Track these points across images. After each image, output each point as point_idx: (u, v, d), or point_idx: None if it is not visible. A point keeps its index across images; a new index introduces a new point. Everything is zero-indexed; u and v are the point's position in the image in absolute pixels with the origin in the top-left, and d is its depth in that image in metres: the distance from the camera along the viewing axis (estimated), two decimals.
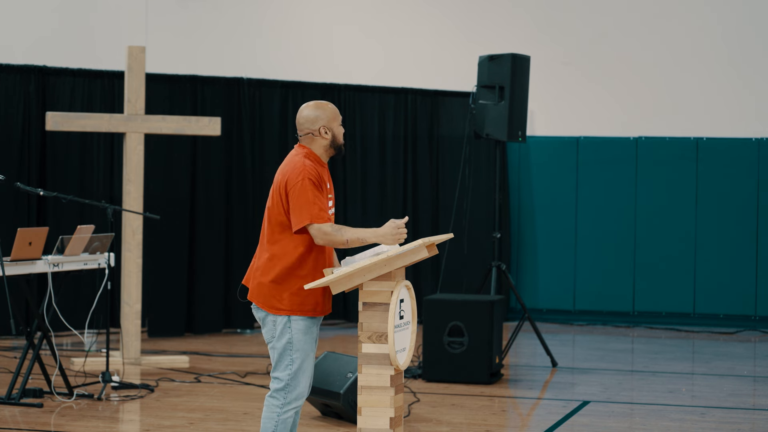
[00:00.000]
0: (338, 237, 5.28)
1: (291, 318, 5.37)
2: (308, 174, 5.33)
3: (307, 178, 5.31)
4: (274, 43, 13.33)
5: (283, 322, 5.38)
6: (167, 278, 11.86)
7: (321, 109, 5.50)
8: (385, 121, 13.19)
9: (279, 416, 5.39)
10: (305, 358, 5.41)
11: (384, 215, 13.09)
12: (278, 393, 5.41)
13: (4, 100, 11.33)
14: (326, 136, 5.47)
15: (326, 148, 5.49)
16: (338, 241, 5.29)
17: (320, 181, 5.36)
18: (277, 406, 5.40)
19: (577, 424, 7.82)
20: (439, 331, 9.26)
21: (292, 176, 5.34)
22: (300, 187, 5.31)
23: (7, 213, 11.21)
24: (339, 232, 5.29)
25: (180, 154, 11.99)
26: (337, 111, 5.55)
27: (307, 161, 5.39)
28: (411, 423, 7.70)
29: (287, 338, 5.38)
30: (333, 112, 5.51)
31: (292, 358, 5.39)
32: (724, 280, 13.17)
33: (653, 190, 13.37)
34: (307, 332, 5.40)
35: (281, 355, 5.40)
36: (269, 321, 5.42)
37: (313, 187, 5.31)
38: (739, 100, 13.35)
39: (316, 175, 5.35)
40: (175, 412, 8.00)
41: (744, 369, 10.40)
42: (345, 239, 5.29)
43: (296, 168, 5.36)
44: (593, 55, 13.65)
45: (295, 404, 5.41)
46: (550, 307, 13.59)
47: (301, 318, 5.38)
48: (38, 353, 8.29)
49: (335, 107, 5.56)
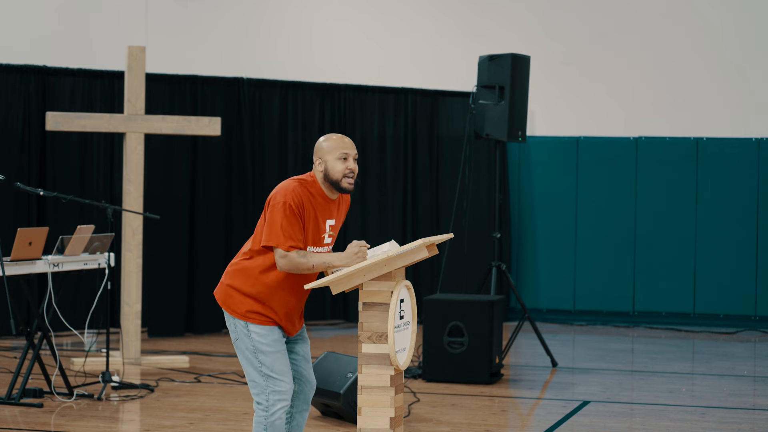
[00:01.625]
0: (302, 263, 5.22)
1: (248, 325, 5.33)
2: (290, 199, 5.24)
3: (287, 202, 5.23)
4: (274, 43, 13.33)
5: (242, 325, 5.35)
6: (167, 278, 11.86)
7: (325, 140, 5.39)
8: (385, 121, 13.19)
9: (267, 420, 5.32)
10: (274, 358, 5.33)
11: (384, 215, 13.10)
12: (259, 397, 5.35)
13: (4, 100, 11.33)
14: (319, 168, 5.36)
15: (322, 181, 5.37)
16: (303, 267, 5.23)
17: (300, 209, 5.25)
18: (262, 410, 5.33)
19: (577, 424, 7.82)
20: (439, 331, 9.26)
21: (276, 196, 5.27)
22: (278, 208, 5.23)
23: (7, 213, 11.21)
24: (304, 258, 5.22)
25: (180, 154, 11.99)
26: (344, 145, 5.34)
27: (298, 187, 5.29)
28: (411, 423, 7.70)
29: (249, 341, 5.34)
30: (335, 144, 5.35)
31: (259, 360, 5.33)
32: (724, 280, 13.17)
33: (653, 190, 13.37)
34: (268, 334, 5.34)
35: (249, 359, 5.35)
36: (231, 322, 5.39)
37: (289, 214, 5.22)
38: (739, 100, 13.35)
39: (298, 203, 5.24)
40: (175, 412, 8.00)
41: (744, 369, 10.40)
42: (311, 264, 5.23)
43: (282, 190, 5.29)
44: (593, 54, 13.65)
45: (281, 404, 5.32)
46: (550, 307, 13.59)
47: (259, 327, 5.32)
48: (38, 353, 8.29)
49: (343, 142, 5.37)
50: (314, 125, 12.77)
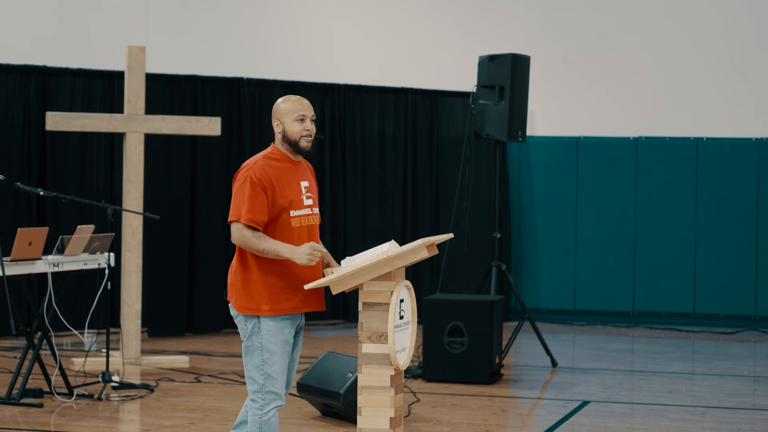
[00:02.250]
0: (255, 243, 5.26)
1: (260, 318, 5.36)
2: (252, 173, 5.30)
3: (249, 177, 5.30)
4: (274, 43, 13.33)
5: (252, 322, 5.37)
6: (167, 278, 11.86)
7: (283, 102, 5.48)
8: (385, 121, 13.19)
9: (261, 418, 5.37)
10: (278, 360, 5.36)
11: (384, 215, 13.10)
12: (256, 395, 5.38)
13: (4, 100, 11.33)
14: (277, 129, 5.45)
15: (282, 143, 5.46)
16: (254, 247, 5.26)
17: (264, 182, 5.29)
18: (257, 409, 5.37)
19: (577, 424, 7.82)
20: (439, 331, 9.26)
21: (239, 172, 5.37)
22: (240, 184, 5.32)
23: (7, 213, 11.21)
24: (258, 240, 5.26)
25: (180, 154, 11.99)
26: (301, 107, 5.44)
27: (261, 160, 5.37)
28: (411, 423, 7.70)
29: (257, 339, 5.36)
30: (292, 106, 5.44)
31: (263, 358, 5.35)
32: (724, 280, 13.17)
33: (653, 190, 13.37)
34: (278, 333, 5.36)
35: (252, 356, 5.38)
36: (240, 319, 5.42)
37: (251, 188, 5.28)
38: (739, 100, 13.35)
39: (261, 175, 5.29)
40: (175, 412, 8.00)
41: (744, 369, 10.40)
42: (262, 248, 5.26)
43: (246, 165, 5.38)
44: (593, 55, 13.65)
45: (275, 404, 5.37)
46: (550, 307, 13.59)
47: (271, 319, 5.34)
48: (38, 353, 8.29)
49: (301, 104, 5.45)
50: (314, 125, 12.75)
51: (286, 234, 5.34)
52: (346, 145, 12.99)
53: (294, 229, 5.37)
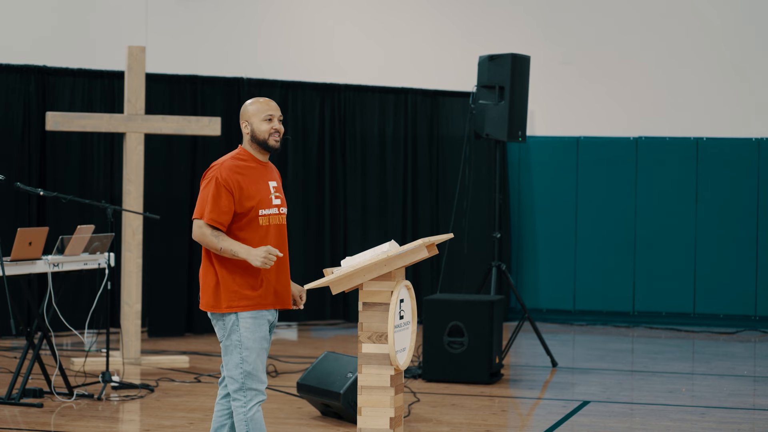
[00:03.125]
0: (213, 241, 5.37)
1: (238, 315, 5.38)
2: (219, 173, 5.37)
3: (215, 177, 5.37)
4: (275, 43, 13.33)
5: (231, 320, 5.39)
6: (167, 278, 11.86)
7: (251, 104, 5.52)
8: (385, 121, 13.19)
9: (246, 415, 5.39)
10: (256, 356, 5.39)
11: (384, 215, 13.10)
12: (237, 393, 5.40)
13: (4, 100, 11.33)
14: (246, 130, 5.50)
15: (251, 144, 5.51)
16: (212, 245, 5.38)
17: (231, 184, 5.35)
18: (240, 406, 5.39)
19: (577, 424, 7.82)
20: (439, 331, 9.26)
21: (208, 171, 5.44)
22: (206, 183, 5.40)
23: (7, 213, 11.21)
24: (217, 238, 5.37)
25: (180, 154, 11.99)
26: (268, 107, 5.49)
27: (228, 160, 5.44)
28: (411, 423, 7.70)
29: (236, 336, 5.38)
30: (260, 107, 5.48)
31: (242, 356, 5.37)
32: (724, 280, 13.17)
33: (653, 190, 13.37)
34: (256, 329, 5.39)
35: (231, 354, 5.39)
36: (217, 320, 5.45)
37: (216, 188, 5.35)
38: (739, 100, 13.35)
39: (227, 176, 5.35)
40: (175, 412, 8.00)
41: (744, 369, 10.40)
42: (219, 247, 5.37)
43: (214, 165, 5.44)
44: (593, 55, 13.65)
45: (257, 399, 5.41)
46: (550, 307, 13.59)
47: (249, 314, 5.38)
48: (38, 353, 8.29)
49: (268, 105, 5.50)
50: (314, 125, 12.78)
51: (254, 233, 5.41)
52: (346, 145, 12.99)
53: (261, 228, 5.43)
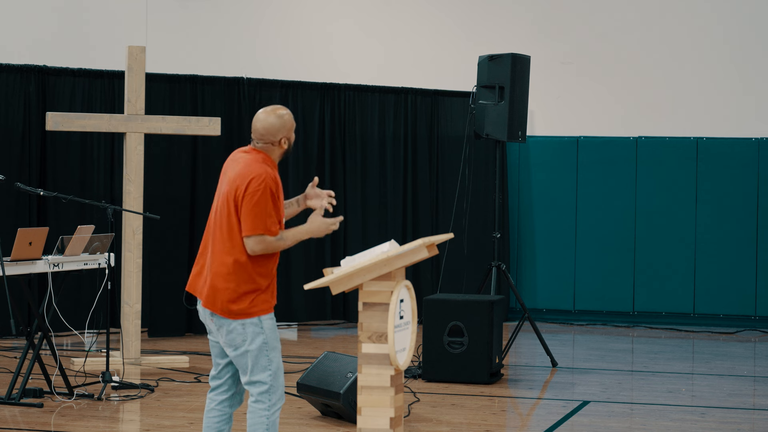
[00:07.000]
0: (280, 245, 5.37)
1: (262, 318, 5.37)
2: (270, 184, 5.31)
3: (269, 187, 5.30)
4: (274, 42, 13.33)
5: (253, 324, 5.35)
6: (167, 278, 11.85)
7: (282, 120, 5.45)
8: (385, 121, 13.19)
9: (268, 419, 5.37)
10: (279, 355, 5.44)
11: (384, 215, 13.10)
12: (263, 396, 5.37)
13: (4, 100, 11.33)
14: (284, 145, 5.48)
15: (280, 156, 5.51)
16: (280, 248, 5.38)
17: (279, 190, 5.37)
18: (264, 410, 5.36)
19: (577, 424, 7.82)
20: (439, 331, 9.25)
21: (254, 183, 5.29)
22: (260, 195, 5.27)
23: (7, 213, 11.21)
24: (282, 240, 5.36)
25: (180, 154, 11.99)
26: (293, 119, 5.53)
27: (268, 169, 5.37)
28: (411, 423, 7.70)
29: (262, 339, 5.36)
30: (292, 122, 5.50)
31: (269, 358, 5.37)
32: (724, 280, 13.17)
33: (653, 190, 13.37)
34: (275, 329, 5.46)
35: (257, 358, 5.35)
36: (236, 326, 5.33)
37: (272, 199, 5.31)
38: (739, 100, 13.35)
39: (276, 185, 5.35)
40: (175, 412, 8.00)
41: (744, 369, 10.41)
42: (288, 245, 5.41)
43: (259, 175, 5.31)
44: (593, 54, 13.65)
45: (280, 403, 5.42)
46: (550, 307, 13.59)
47: (269, 317, 5.40)
48: (38, 353, 8.29)
49: (292, 115, 5.53)
50: (314, 125, 12.78)
51: None
52: (346, 145, 12.99)
53: None
